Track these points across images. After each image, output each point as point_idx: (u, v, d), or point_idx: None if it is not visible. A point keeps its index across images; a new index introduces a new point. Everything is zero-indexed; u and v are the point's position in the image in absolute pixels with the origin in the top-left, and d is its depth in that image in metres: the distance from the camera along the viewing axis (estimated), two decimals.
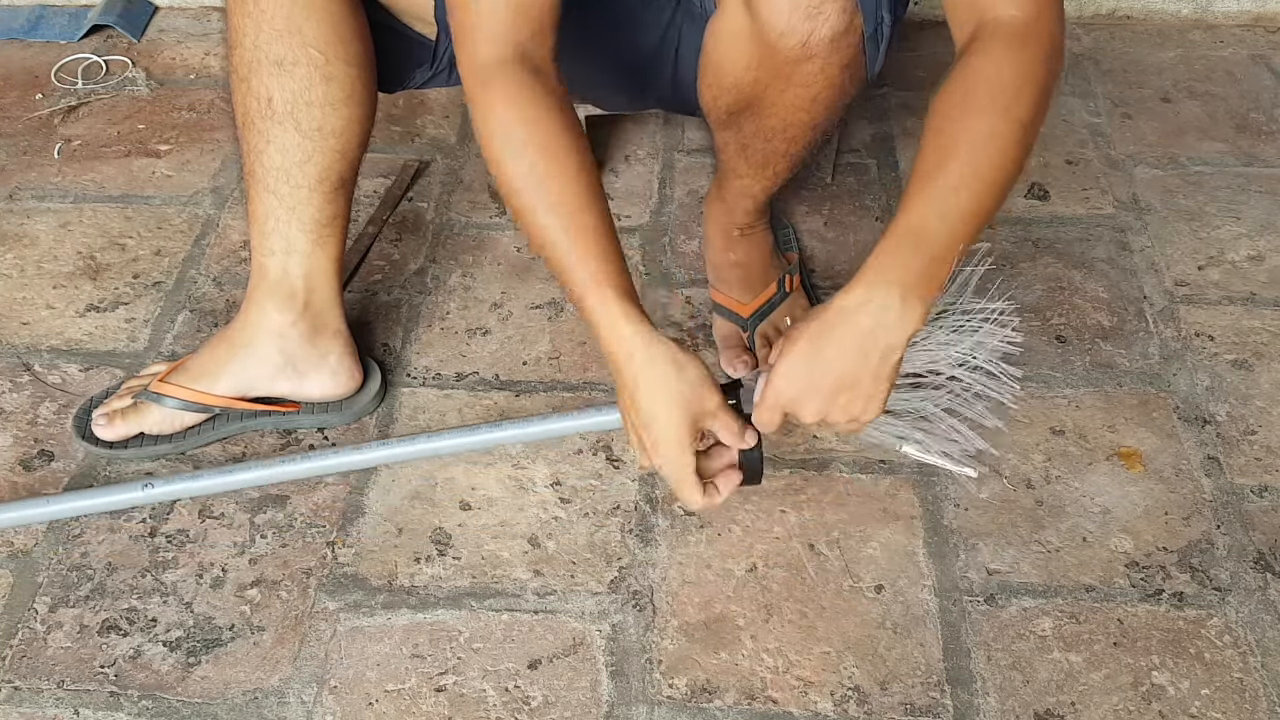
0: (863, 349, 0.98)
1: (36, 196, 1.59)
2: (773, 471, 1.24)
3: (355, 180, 1.24)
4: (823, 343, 0.99)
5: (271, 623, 1.12)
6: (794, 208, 1.55)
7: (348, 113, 1.17)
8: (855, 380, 1.00)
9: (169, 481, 1.21)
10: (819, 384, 1.00)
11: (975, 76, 0.99)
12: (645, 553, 1.18)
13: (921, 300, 0.97)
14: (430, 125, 1.70)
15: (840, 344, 0.98)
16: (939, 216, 0.96)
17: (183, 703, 1.07)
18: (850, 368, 0.99)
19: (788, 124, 1.16)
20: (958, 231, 0.96)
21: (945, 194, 0.96)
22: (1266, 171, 1.61)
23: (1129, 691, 1.06)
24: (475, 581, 1.16)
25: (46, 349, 1.39)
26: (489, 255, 1.50)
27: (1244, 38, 1.86)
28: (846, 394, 1.00)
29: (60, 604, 1.14)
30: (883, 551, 1.17)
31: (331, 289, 1.25)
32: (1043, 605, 1.13)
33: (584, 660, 1.09)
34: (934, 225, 0.96)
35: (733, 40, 1.10)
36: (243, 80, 1.16)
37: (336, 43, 1.14)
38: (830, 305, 0.99)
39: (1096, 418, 1.29)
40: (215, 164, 1.64)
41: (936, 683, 1.07)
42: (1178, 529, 1.19)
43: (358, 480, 1.25)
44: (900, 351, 0.99)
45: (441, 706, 1.06)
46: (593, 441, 1.27)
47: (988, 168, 0.97)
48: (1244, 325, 1.39)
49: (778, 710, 1.06)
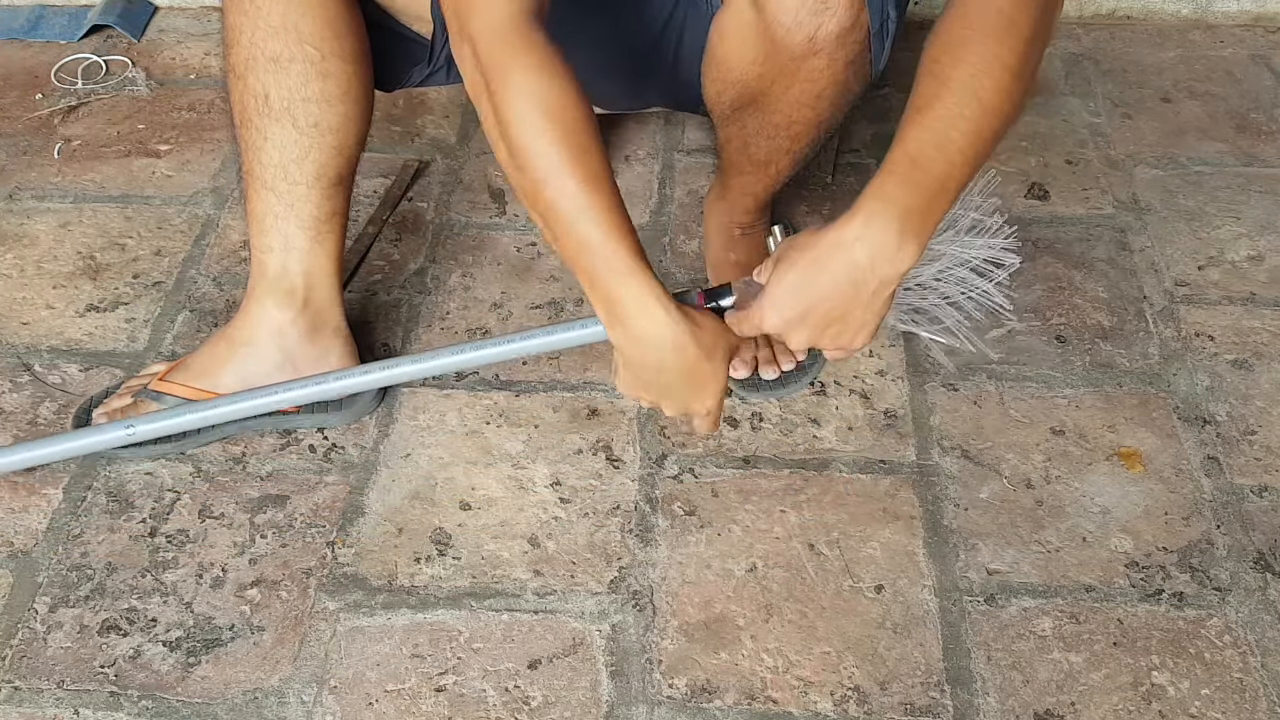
0: (856, 283, 0.96)
1: (36, 196, 1.59)
2: (773, 471, 1.24)
3: (353, 177, 1.24)
4: (815, 274, 0.97)
5: (271, 623, 1.12)
6: (794, 207, 1.55)
7: (344, 109, 1.17)
8: (846, 312, 0.98)
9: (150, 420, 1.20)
10: (809, 315, 0.99)
11: (968, 5, 0.97)
12: (645, 553, 1.18)
13: (918, 234, 0.95)
14: (430, 125, 1.70)
15: (834, 277, 0.97)
16: (936, 146, 0.94)
17: (183, 703, 1.07)
18: (842, 301, 0.98)
19: (792, 120, 1.16)
20: (956, 162, 0.95)
21: (944, 123, 0.94)
22: (1266, 171, 1.61)
23: (1129, 691, 1.06)
24: (475, 581, 1.16)
25: (46, 349, 1.39)
26: (489, 255, 1.50)
27: (1244, 38, 1.86)
28: (837, 325, 0.99)
29: (60, 604, 1.14)
30: (883, 551, 1.17)
31: (331, 287, 1.25)
32: (1043, 605, 1.13)
33: (584, 660, 1.09)
34: (932, 155, 0.94)
35: (739, 35, 1.10)
36: (240, 78, 1.16)
37: (332, 39, 1.14)
38: (824, 235, 0.97)
39: (1096, 418, 1.29)
40: (215, 164, 1.64)
41: (936, 683, 1.07)
42: (1178, 529, 1.19)
43: (358, 480, 1.25)
44: (895, 285, 0.97)
45: (441, 706, 1.06)
46: (593, 441, 1.27)
47: (989, 91, 0.95)
48: (1244, 325, 1.39)
49: (778, 710, 1.06)
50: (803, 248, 0.99)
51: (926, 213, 0.95)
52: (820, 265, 0.97)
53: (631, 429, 1.29)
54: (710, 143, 1.60)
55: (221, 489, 1.24)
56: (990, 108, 0.95)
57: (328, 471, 1.25)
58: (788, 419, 1.29)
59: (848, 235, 0.95)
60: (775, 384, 1.31)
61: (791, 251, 1.00)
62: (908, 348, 1.36)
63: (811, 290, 0.98)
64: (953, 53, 0.96)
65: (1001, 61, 0.95)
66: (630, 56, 1.27)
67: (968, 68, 0.95)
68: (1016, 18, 0.96)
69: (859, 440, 1.27)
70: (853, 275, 0.96)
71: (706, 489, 1.23)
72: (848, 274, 0.96)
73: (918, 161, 0.94)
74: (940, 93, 0.95)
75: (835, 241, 0.96)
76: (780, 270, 1.00)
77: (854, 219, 0.95)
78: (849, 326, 1.00)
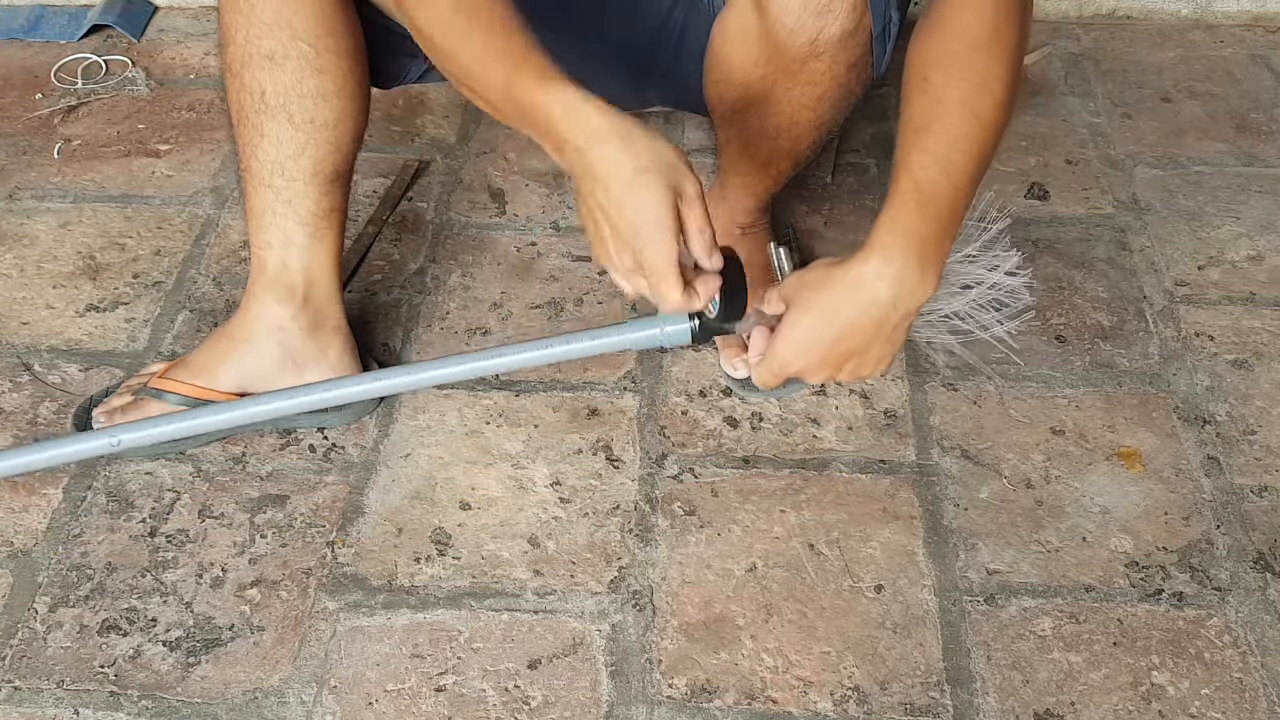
0: (878, 321, 0.96)
1: (36, 196, 1.59)
2: (773, 471, 1.24)
3: (351, 174, 1.24)
4: (835, 316, 0.96)
5: (271, 622, 1.12)
6: (794, 207, 1.55)
7: (340, 105, 1.18)
8: (867, 348, 0.98)
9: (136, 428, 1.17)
10: (829, 356, 0.98)
11: (953, 16, 0.97)
12: (645, 553, 1.18)
13: (937, 264, 0.95)
14: (430, 125, 1.70)
15: (855, 318, 0.96)
16: (942, 171, 0.94)
17: (182, 702, 1.07)
18: (864, 340, 0.97)
19: (793, 122, 1.16)
20: (962, 184, 0.94)
21: (946, 146, 0.94)
22: (1266, 171, 1.61)
23: (1129, 691, 1.06)
24: (475, 581, 1.16)
25: (46, 349, 1.39)
26: (489, 255, 1.50)
27: (1244, 38, 1.86)
28: (856, 359, 0.99)
29: (60, 604, 1.14)
30: (882, 551, 1.17)
31: (331, 284, 1.25)
32: (1042, 605, 1.13)
33: (584, 660, 1.09)
34: (939, 181, 0.93)
35: (741, 36, 1.11)
36: (236, 76, 1.17)
37: (326, 36, 1.15)
38: (840, 273, 0.96)
39: (1096, 418, 1.29)
40: (215, 164, 1.64)
41: (936, 683, 1.07)
42: (1177, 529, 1.19)
43: (358, 480, 1.25)
44: (914, 317, 0.97)
45: (441, 706, 1.06)
46: (592, 441, 1.27)
47: (988, 108, 0.94)
48: (1244, 325, 1.39)
49: (778, 710, 1.06)
50: (817, 286, 0.98)
51: (941, 240, 0.95)
52: (840, 306, 0.96)
53: (631, 429, 1.29)
54: (710, 143, 1.60)
55: (221, 489, 1.24)
56: (989, 123, 0.96)
57: (328, 471, 1.25)
58: (787, 419, 1.29)
59: (867, 273, 0.94)
60: None
61: (805, 292, 0.99)
62: (907, 347, 1.36)
63: (831, 332, 0.97)
64: (945, 70, 0.96)
65: (995, 75, 0.95)
66: (628, 55, 1.27)
67: (964, 86, 0.95)
68: (1002, 28, 0.96)
69: (859, 440, 1.27)
70: (874, 314, 0.96)
71: (706, 489, 1.23)
72: (869, 313, 0.96)
73: (925, 189, 0.94)
74: (938, 113, 0.95)
75: (855, 282, 0.95)
76: (796, 314, 0.99)
77: (871, 255, 0.94)
78: (868, 360, 0.99)
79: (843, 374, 1.00)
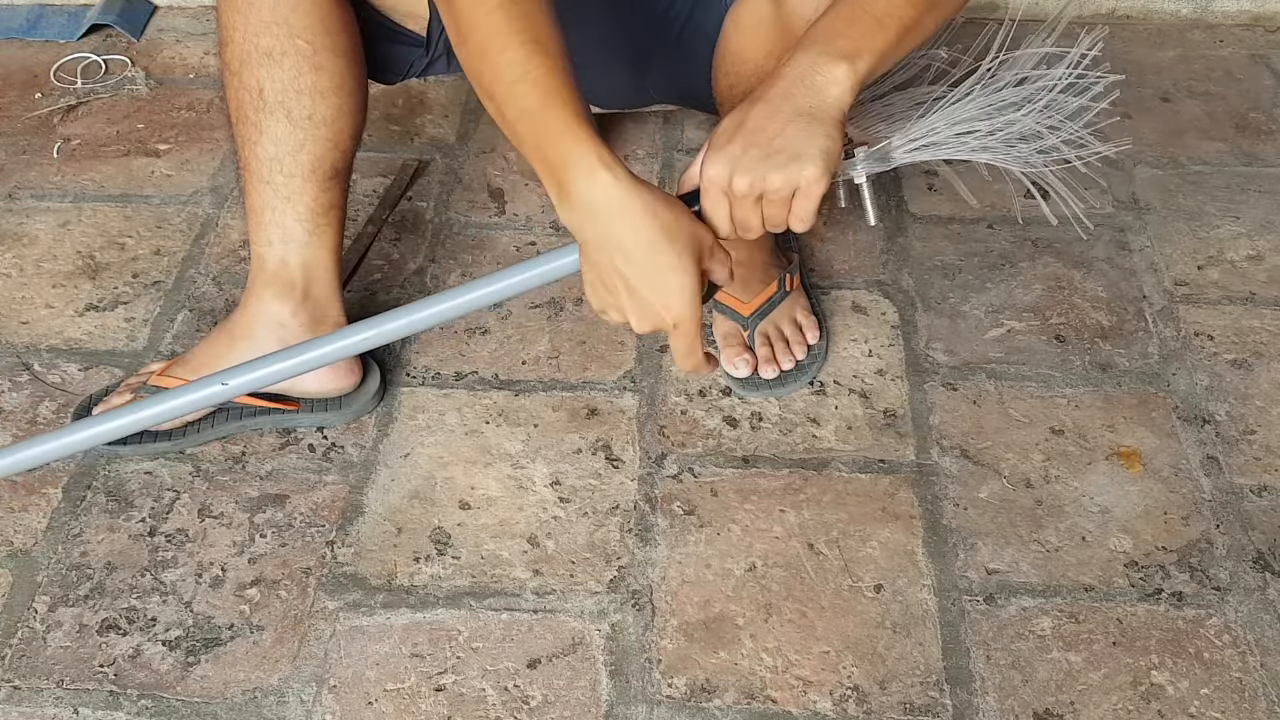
0: (786, 95, 0.94)
1: (36, 196, 1.59)
2: (772, 471, 1.24)
3: (349, 172, 1.24)
4: (749, 104, 0.96)
5: (271, 622, 1.12)
6: None
7: (338, 101, 1.18)
8: (780, 132, 0.94)
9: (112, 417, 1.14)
10: (747, 146, 0.94)
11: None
12: (644, 552, 1.18)
13: (849, 56, 0.94)
14: (430, 125, 1.70)
15: (766, 101, 0.95)
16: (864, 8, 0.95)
17: (182, 702, 1.07)
18: (776, 120, 0.94)
19: None
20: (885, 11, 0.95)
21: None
22: (1266, 171, 1.61)
23: (1128, 691, 1.06)
24: (475, 581, 1.16)
25: (46, 348, 1.39)
26: (488, 255, 1.50)
27: (1244, 38, 1.86)
28: (777, 155, 0.94)
29: (60, 603, 1.14)
30: (882, 551, 1.17)
31: (330, 281, 1.25)
32: (1042, 605, 1.13)
33: (583, 660, 1.09)
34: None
35: (755, 27, 1.11)
36: (234, 74, 1.18)
37: (323, 33, 1.16)
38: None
39: (1096, 417, 1.29)
40: (215, 163, 1.64)
41: (935, 682, 1.07)
42: (1177, 529, 1.19)
43: (357, 479, 1.25)
44: (832, 112, 0.94)
45: (441, 706, 1.06)
46: (592, 441, 1.27)
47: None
48: (1243, 325, 1.39)
49: (777, 710, 1.06)
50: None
51: (860, 38, 0.94)
52: (753, 96, 0.96)
53: (631, 429, 1.29)
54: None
55: (221, 488, 1.24)
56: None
57: (327, 471, 1.25)
58: (787, 418, 1.29)
59: (778, 66, 0.96)
60: (774, 383, 1.31)
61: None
62: (907, 347, 1.36)
63: (743, 115, 0.96)
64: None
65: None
66: (631, 50, 1.28)
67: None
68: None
69: (858, 440, 1.27)
70: (782, 90, 0.95)
71: (706, 488, 1.23)
72: (777, 91, 0.95)
73: (843, 8, 0.96)
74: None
75: (769, 77, 0.97)
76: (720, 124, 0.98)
77: (786, 58, 0.96)
78: (788, 153, 0.94)
79: (770, 178, 0.94)
